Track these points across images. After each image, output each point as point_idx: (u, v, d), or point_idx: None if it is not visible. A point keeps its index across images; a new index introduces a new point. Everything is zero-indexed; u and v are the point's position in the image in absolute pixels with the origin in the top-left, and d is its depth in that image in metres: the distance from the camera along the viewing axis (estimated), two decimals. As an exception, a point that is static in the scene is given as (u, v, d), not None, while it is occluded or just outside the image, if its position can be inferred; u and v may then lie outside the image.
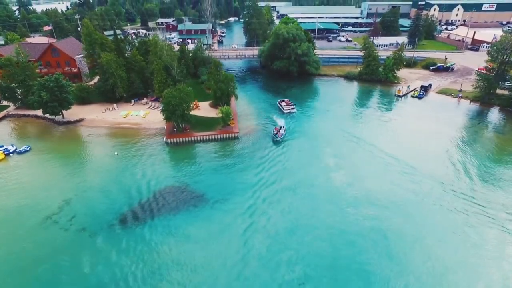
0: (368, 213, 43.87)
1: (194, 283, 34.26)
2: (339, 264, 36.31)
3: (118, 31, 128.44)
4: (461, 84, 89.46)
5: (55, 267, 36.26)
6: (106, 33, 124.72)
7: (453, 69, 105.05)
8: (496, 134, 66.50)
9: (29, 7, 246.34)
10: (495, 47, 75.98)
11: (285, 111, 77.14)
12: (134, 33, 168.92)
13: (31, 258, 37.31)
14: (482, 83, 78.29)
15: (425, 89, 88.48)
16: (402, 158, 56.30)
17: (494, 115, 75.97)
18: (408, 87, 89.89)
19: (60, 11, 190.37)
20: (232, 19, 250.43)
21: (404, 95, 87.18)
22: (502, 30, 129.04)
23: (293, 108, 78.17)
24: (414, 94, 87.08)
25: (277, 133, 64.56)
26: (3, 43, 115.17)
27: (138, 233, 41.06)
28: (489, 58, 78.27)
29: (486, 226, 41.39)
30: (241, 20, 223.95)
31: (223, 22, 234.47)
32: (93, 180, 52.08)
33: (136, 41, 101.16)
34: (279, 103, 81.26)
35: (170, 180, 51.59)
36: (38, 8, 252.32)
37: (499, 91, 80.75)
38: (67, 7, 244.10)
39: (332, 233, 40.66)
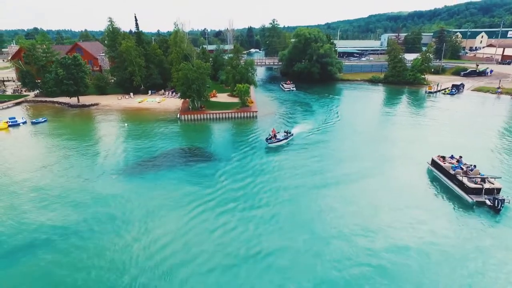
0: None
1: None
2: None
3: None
4: (500, 81, 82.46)
5: (40, 204, 30.96)
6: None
7: (487, 73, 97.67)
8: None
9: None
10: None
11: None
12: None
13: (23, 198, 32.40)
14: None
15: (457, 87, 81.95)
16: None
17: (545, 106, 68.30)
18: (438, 85, 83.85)
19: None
20: (253, 50, 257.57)
21: (435, 92, 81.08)
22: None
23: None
24: (445, 92, 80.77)
25: (271, 137, 45.32)
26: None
27: (137, 181, 35.62)
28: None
29: None
30: (261, 51, 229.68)
31: (244, 52, 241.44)
32: (98, 142, 49.00)
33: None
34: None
35: (177, 145, 47.04)
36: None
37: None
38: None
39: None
